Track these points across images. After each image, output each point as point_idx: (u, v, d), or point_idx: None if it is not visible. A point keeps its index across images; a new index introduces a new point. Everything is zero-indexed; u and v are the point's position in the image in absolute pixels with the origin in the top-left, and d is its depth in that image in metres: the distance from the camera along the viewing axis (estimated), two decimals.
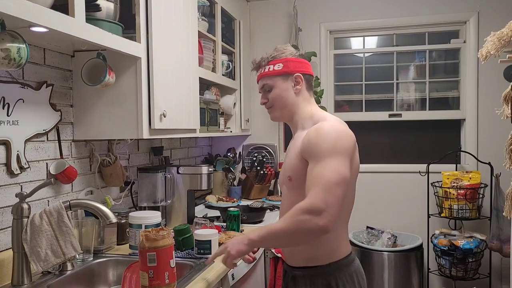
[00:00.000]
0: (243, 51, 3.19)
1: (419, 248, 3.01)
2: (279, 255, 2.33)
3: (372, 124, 3.39)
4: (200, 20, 2.43)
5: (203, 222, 1.98)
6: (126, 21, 1.73)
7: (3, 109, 1.51)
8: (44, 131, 1.70)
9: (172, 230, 1.85)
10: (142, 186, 2.28)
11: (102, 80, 1.68)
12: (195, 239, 1.79)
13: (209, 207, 2.83)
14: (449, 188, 2.95)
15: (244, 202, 2.90)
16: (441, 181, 3.02)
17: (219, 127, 2.81)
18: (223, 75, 2.82)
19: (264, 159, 3.36)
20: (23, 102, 1.59)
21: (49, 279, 1.51)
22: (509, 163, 1.97)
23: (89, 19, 1.48)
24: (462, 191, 2.89)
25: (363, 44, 3.44)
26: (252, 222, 2.44)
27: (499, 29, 1.80)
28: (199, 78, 2.35)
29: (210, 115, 2.62)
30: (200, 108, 2.38)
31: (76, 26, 1.38)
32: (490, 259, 3.00)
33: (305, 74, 1.51)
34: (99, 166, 2.03)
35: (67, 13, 1.35)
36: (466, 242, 2.88)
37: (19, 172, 1.59)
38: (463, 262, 2.90)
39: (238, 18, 3.13)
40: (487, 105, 3.08)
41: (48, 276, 1.53)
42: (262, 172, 3.23)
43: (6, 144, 1.53)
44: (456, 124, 3.27)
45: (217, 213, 2.65)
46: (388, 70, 3.36)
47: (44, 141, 1.72)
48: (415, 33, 3.30)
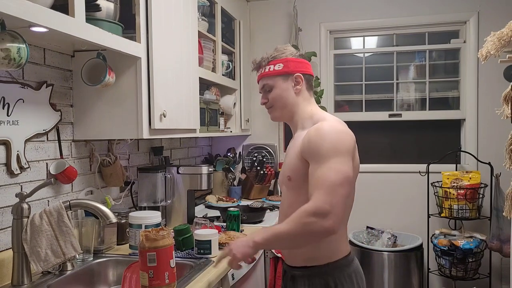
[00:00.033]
0: (243, 51, 3.19)
1: (419, 248, 3.01)
2: (279, 255, 2.33)
3: (372, 124, 3.39)
4: (200, 20, 2.43)
5: (203, 222, 1.98)
6: (126, 21, 1.73)
7: (3, 109, 1.51)
8: (44, 131, 1.70)
9: (172, 230, 1.85)
10: (142, 186, 2.29)
11: (102, 80, 1.68)
12: (195, 239, 1.79)
13: (209, 207, 2.83)
14: (449, 188, 2.95)
15: (244, 202, 2.90)
16: (441, 181, 3.02)
17: (219, 127, 2.81)
18: (223, 75, 2.82)
19: (264, 159, 3.36)
20: (23, 102, 1.59)
21: (49, 279, 1.51)
22: (509, 163, 1.97)
23: (89, 19, 1.48)
24: (462, 191, 2.89)
25: (363, 44, 3.44)
26: (252, 222, 2.44)
27: (499, 29, 1.80)
28: (199, 78, 2.35)
29: (210, 115, 2.62)
30: (200, 108, 2.38)
31: (76, 26, 1.38)
32: (490, 259, 3.00)
33: (305, 74, 1.51)
34: (99, 166, 2.03)
35: (67, 13, 1.35)
36: (466, 242, 2.88)
37: (19, 172, 1.59)
38: (463, 262, 2.90)
39: (238, 18, 3.13)
40: (487, 105, 3.08)
41: (48, 276, 1.53)
42: (262, 172, 3.23)
43: (6, 144, 1.54)
44: (456, 124, 3.27)
45: (217, 213, 2.65)
46: (388, 70, 3.36)
47: (44, 141, 1.72)
48: (415, 33, 3.30)
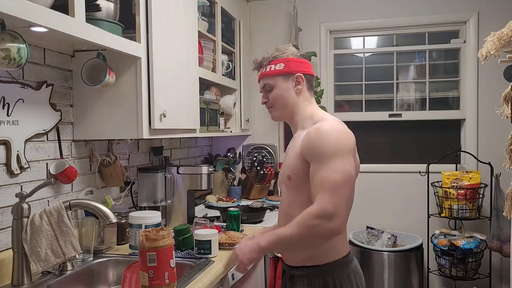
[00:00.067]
0: (243, 51, 3.19)
1: (419, 248, 3.01)
2: (279, 255, 2.33)
3: (372, 124, 3.39)
4: (200, 20, 2.43)
5: (203, 222, 1.98)
6: (126, 21, 1.73)
7: (3, 109, 1.51)
8: (44, 131, 1.70)
9: (172, 230, 1.85)
10: (142, 186, 2.29)
11: (102, 80, 1.68)
12: (195, 239, 1.79)
13: (209, 207, 2.83)
14: (449, 188, 2.95)
15: (244, 202, 2.90)
16: (441, 181, 3.02)
17: (219, 127, 2.80)
18: (223, 75, 2.82)
19: (264, 159, 3.36)
20: (23, 102, 1.59)
21: (49, 279, 1.51)
22: (509, 163, 1.97)
23: (89, 19, 1.48)
24: (462, 191, 2.89)
25: (363, 44, 3.44)
26: (252, 222, 2.44)
27: (499, 29, 1.80)
28: (199, 78, 2.35)
29: (210, 115, 2.62)
30: (200, 108, 2.38)
31: (76, 26, 1.38)
32: (490, 259, 3.00)
33: (306, 74, 1.51)
34: (99, 166, 2.03)
35: (67, 13, 1.35)
36: (466, 242, 2.88)
37: (19, 172, 1.59)
38: (463, 262, 2.90)
39: (238, 18, 3.13)
40: (487, 105, 3.08)
41: (48, 276, 1.53)
42: (262, 172, 3.23)
43: (6, 144, 1.54)
44: (456, 124, 3.27)
45: (217, 213, 2.65)
46: (388, 70, 3.36)
47: (44, 141, 1.72)
48: (415, 33, 3.30)
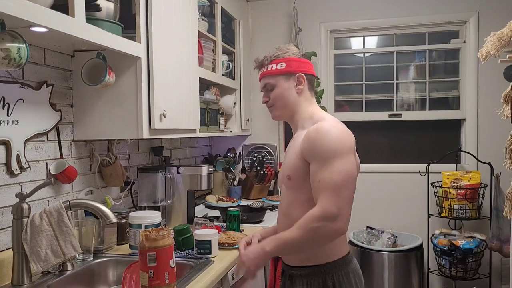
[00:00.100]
0: (243, 51, 3.19)
1: (419, 248, 3.01)
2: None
3: (372, 124, 3.39)
4: (200, 20, 2.43)
5: (203, 222, 1.98)
6: (126, 21, 1.73)
7: (3, 109, 1.51)
8: (44, 131, 1.70)
9: (172, 230, 1.85)
10: (142, 186, 2.28)
11: (102, 80, 1.68)
12: (195, 239, 1.79)
13: (209, 207, 2.83)
14: (449, 188, 2.95)
15: (244, 202, 2.90)
16: (441, 181, 3.02)
17: (219, 127, 2.80)
18: (223, 75, 2.82)
19: (264, 159, 3.36)
20: (23, 102, 1.59)
21: (49, 279, 1.51)
22: (509, 163, 1.97)
23: (89, 19, 1.48)
24: (462, 191, 2.89)
25: (363, 44, 3.44)
26: (252, 222, 2.44)
27: (499, 29, 1.80)
28: (199, 78, 2.35)
29: (210, 115, 2.62)
30: (200, 108, 2.38)
31: (76, 26, 1.38)
32: (490, 259, 3.00)
33: (308, 74, 1.51)
34: (99, 166, 2.03)
35: (67, 13, 1.35)
36: (466, 242, 2.88)
37: (19, 172, 1.59)
38: (463, 262, 2.90)
39: (238, 18, 3.13)
40: (487, 105, 3.08)
41: (48, 276, 1.53)
42: (262, 172, 3.23)
43: (6, 144, 1.54)
44: (456, 124, 3.27)
45: (217, 213, 2.64)
46: (388, 70, 3.36)
47: (44, 141, 1.72)
48: (415, 33, 3.30)
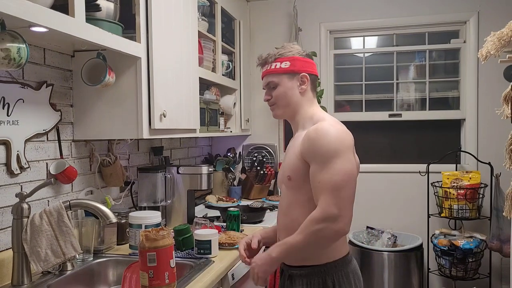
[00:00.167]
0: (243, 51, 3.19)
1: (419, 248, 3.01)
2: None
3: (372, 124, 3.38)
4: (200, 20, 2.43)
5: (203, 222, 1.98)
6: (126, 21, 1.73)
7: (3, 109, 1.51)
8: (44, 131, 1.70)
9: (172, 230, 1.85)
10: (142, 186, 2.28)
11: (102, 80, 1.68)
12: (195, 239, 1.79)
13: (209, 207, 2.83)
14: (449, 188, 2.95)
15: (244, 202, 2.90)
16: (441, 181, 3.02)
17: (219, 127, 2.80)
18: (223, 75, 2.82)
19: (264, 159, 3.36)
20: (23, 102, 1.59)
21: (49, 279, 1.51)
22: (509, 163, 1.97)
23: (89, 19, 1.48)
24: (462, 191, 2.89)
25: (363, 44, 3.44)
26: (252, 222, 2.44)
27: (499, 29, 1.80)
28: (199, 78, 2.35)
29: (210, 115, 2.62)
30: (200, 108, 2.38)
31: (76, 26, 1.38)
32: (490, 259, 3.00)
33: (311, 74, 1.51)
34: (99, 166, 2.03)
35: (67, 13, 1.35)
36: (466, 242, 2.88)
37: (19, 172, 1.59)
38: (463, 262, 2.90)
39: (238, 18, 3.13)
40: (487, 105, 3.08)
41: (48, 276, 1.53)
42: (262, 172, 3.23)
43: (6, 144, 1.54)
44: (456, 124, 3.27)
45: (217, 213, 2.65)
46: (388, 70, 3.36)
47: (44, 141, 1.72)
48: (415, 33, 3.30)
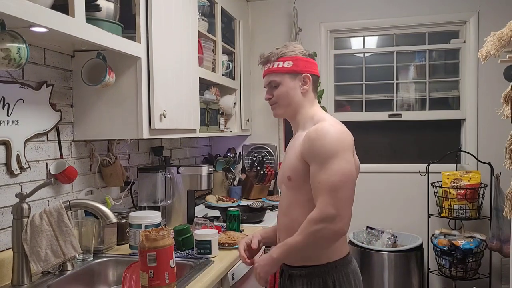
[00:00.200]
0: (243, 51, 3.19)
1: (419, 248, 3.01)
2: None
3: (372, 124, 3.38)
4: (200, 20, 2.43)
5: (203, 222, 1.98)
6: (126, 21, 1.73)
7: (3, 109, 1.51)
8: (44, 131, 1.70)
9: (172, 230, 1.85)
10: (142, 186, 2.28)
11: (102, 80, 1.68)
12: (195, 239, 1.79)
13: (209, 207, 2.83)
14: (449, 188, 2.95)
15: (244, 202, 2.90)
16: (441, 181, 3.02)
17: (219, 127, 2.80)
18: (223, 75, 2.82)
19: (264, 159, 3.36)
20: (23, 102, 1.59)
21: (49, 279, 1.51)
22: (509, 163, 1.97)
23: (89, 19, 1.48)
24: (462, 191, 2.89)
25: (363, 44, 3.44)
26: (252, 222, 2.44)
27: (499, 29, 1.80)
28: (199, 78, 2.35)
29: (210, 115, 2.62)
30: (200, 108, 2.38)
31: (76, 26, 1.38)
32: (490, 259, 3.00)
33: (313, 75, 1.51)
34: (99, 166, 2.03)
35: (67, 13, 1.35)
36: (466, 242, 2.88)
37: (19, 172, 1.59)
38: (463, 262, 2.90)
39: (238, 18, 3.13)
40: (487, 105, 3.08)
41: (48, 276, 1.53)
42: (262, 172, 3.23)
43: (6, 144, 1.54)
44: (456, 124, 3.27)
45: (217, 213, 2.65)
46: (388, 70, 3.36)
47: (44, 141, 1.72)
48: (415, 33, 3.30)
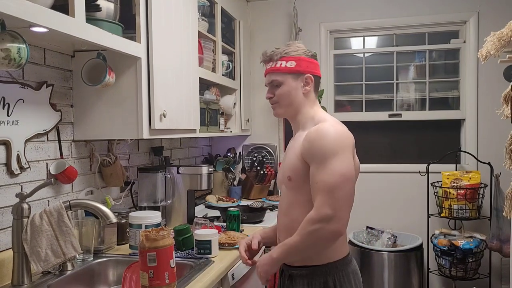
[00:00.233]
0: (243, 51, 3.19)
1: (419, 248, 3.01)
2: None
3: (372, 124, 3.39)
4: (200, 20, 2.43)
5: (203, 222, 1.98)
6: (126, 21, 1.73)
7: (3, 109, 1.51)
8: (44, 131, 1.70)
9: (172, 230, 1.85)
10: (142, 186, 2.29)
11: (102, 80, 1.68)
12: (195, 239, 1.79)
13: (209, 207, 2.83)
14: (449, 188, 2.95)
15: (244, 202, 2.90)
16: (441, 181, 3.02)
17: (219, 127, 2.81)
18: (223, 75, 2.82)
19: (264, 159, 3.36)
20: (23, 102, 1.59)
21: (49, 279, 1.51)
22: (509, 163, 1.97)
23: (89, 19, 1.48)
24: (462, 191, 2.89)
25: (363, 44, 3.44)
26: (252, 222, 2.44)
27: (499, 29, 1.80)
28: (199, 78, 2.35)
29: (210, 115, 2.62)
30: (200, 108, 2.38)
31: (76, 26, 1.38)
32: (490, 259, 3.00)
33: (315, 76, 1.51)
34: (99, 166, 2.03)
35: (67, 13, 1.35)
36: (466, 242, 2.88)
37: (19, 172, 1.59)
38: (463, 262, 2.90)
39: (238, 18, 3.13)
40: (487, 105, 3.08)
41: (48, 276, 1.53)
42: (262, 172, 3.23)
43: (6, 144, 1.54)
44: (456, 124, 3.27)
45: (217, 213, 2.65)
46: (388, 70, 3.36)
47: (44, 141, 1.72)
48: (415, 33, 3.30)
